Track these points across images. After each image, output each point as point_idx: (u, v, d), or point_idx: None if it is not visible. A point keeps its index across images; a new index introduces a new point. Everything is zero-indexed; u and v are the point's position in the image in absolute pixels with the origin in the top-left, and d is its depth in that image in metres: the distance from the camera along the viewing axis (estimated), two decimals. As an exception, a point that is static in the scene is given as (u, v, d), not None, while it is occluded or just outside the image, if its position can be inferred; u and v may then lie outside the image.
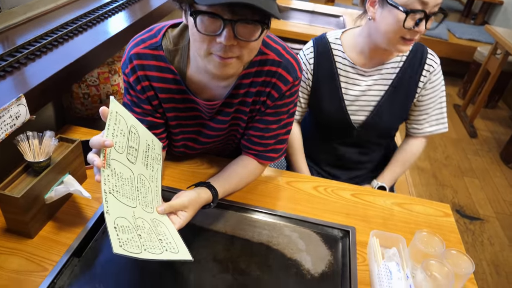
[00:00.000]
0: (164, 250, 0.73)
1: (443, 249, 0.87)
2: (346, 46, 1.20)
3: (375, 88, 1.20)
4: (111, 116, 0.71)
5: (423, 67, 1.17)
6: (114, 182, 0.70)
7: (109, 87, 1.39)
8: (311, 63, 1.22)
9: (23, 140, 0.87)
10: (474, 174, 2.73)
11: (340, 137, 1.30)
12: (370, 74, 1.19)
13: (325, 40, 1.22)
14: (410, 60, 1.18)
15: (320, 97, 1.24)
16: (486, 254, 2.09)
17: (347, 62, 1.20)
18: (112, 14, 1.53)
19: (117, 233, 0.66)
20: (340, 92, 1.21)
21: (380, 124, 1.23)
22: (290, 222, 1.00)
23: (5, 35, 1.23)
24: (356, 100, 1.22)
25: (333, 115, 1.24)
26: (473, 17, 5.14)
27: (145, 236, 0.72)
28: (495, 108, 3.67)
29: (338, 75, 1.21)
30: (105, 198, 0.67)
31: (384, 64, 1.18)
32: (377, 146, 1.34)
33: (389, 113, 1.21)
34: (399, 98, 1.20)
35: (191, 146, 1.09)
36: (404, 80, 1.18)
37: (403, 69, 1.18)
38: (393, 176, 1.33)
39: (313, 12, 2.88)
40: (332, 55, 1.20)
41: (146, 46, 0.89)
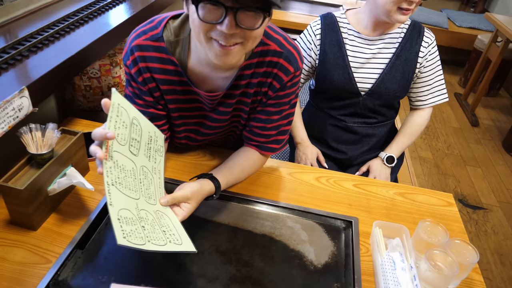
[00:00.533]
0: (168, 242, 0.73)
1: (447, 239, 0.87)
2: (351, 20, 1.30)
3: (379, 56, 1.29)
4: (113, 108, 0.71)
5: (422, 39, 1.27)
6: (117, 174, 0.70)
7: (110, 79, 1.39)
8: (317, 34, 1.31)
9: (26, 132, 0.87)
10: (476, 163, 2.73)
11: (347, 107, 1.35)
12: (374, 43, 1.28)
13: (331, 15, 1.32)
14: (411, 32, 1.28)
15: (327, 66, 1.30)
16: (490, 243, 2.09)
17: (352, 32, 1.29)
18: (113, 6, 1.51)
19: (120, 225, 0.66)
20: (346, 59, 1.29)
21: (385, 92, 1.30)
22: (292, 213, 1.00)
23: (7, 28, 1.22)
24: (361, 67, 1.29)
25: (340, 83, 1.30)
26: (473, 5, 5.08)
27: (148, 227, 0.72)
28: (497, 96, 3.65)
29: (344, 44, 1.29)
30: (108, 190, 0.66)
31: (386, 34, 1.27)
32: (382, 117, 1.39)
33: (393, 81, 1.29)
34: (401, 66, 1.28)
35: (193, 137, 1.09)
36: (405, 50, 1.27)
37: (404, 39, 1.27)
38: (401, 146, 1.40)
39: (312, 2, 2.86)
40: (338, 26, 1.30)
41: (147, 37, 0.88)
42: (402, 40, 1.27)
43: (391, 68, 1.28)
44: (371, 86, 1.30)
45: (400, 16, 1.15)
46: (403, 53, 1.27)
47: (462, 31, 3.81)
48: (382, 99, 1.32)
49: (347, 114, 1.37)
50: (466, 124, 3.17)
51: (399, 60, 1.27)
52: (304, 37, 1.34)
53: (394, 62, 1.27)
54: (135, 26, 0.93)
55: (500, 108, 3.46)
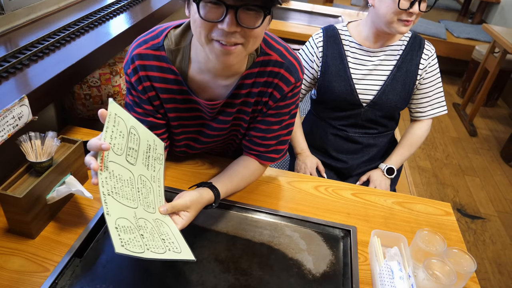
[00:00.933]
0: (167, 250, 0.73)
1: (445, 248, 0.87)
2: (352, 32, 1.32)
3: (380, 68, 1.30)
4: (110, 119, 0.71)
5: (423, 51, 1.29)
6: (113, 184, 0.70)
7: (110, 88, 1.39)
8: (320, 46, 1.32)
9: (26, 140, 0.87)
10: (474, 173, 2.74)
11: (348, 118, 1.37)
12: (375, 54, 1.29)
13: (333, 27, 1.34)
14: (411, 44, 1.29)
15: (329, 78, 1.32)
16: (488, 253, 2.09)
17: (354, 44, 1.31)
18: (113, 15, 1.53)
19: (118, 233, 0.66)
20: (348, 71, 1.30)
21: (386, 103, 1.31)
22: (291, 222, 1.00)
23: (8, 36, 1.23)
24: (363, 79, 1.31)
25: (342, 94, 1.31)
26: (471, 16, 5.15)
27: (147, 236, 0.72)
28: (495, 107, 3.67)
29: (345, 56, 1.31)
30: (104, 200, 0.67)
31: (388, 46, 1.29)
32: (383, 128, 1.40)
33: (394, 93, 1.30)
34: (402, 78, 1.30)
35: (192, 145, 1.09)
36: (406, 61, 1.29)
37: (405, 52, 1.29)
38: (401, 158, 1.42)
39: (311, 12, 2.89)
40: (339, 38, 1.32)
41: (148, 46, 0.89)
42: (403, 52, 1.29)
43: (392, 80, 1.29)
44: (372, 98, 1.31)
45: (401, 27, 1.17)
46: (404, 65, 1.29)
47: (460, 42, 3.85)
48: (383, 110, 1.33)
49: (348, 124, 1.38)
50: (464, 134, 3.19)
51: (400, 71, 1.29)
52: (307, 49, 1.36)
53: (395, 73, 1.29)
54: (135, 36, 0.94)
55: (498, 118, 3.48)
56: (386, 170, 1.39)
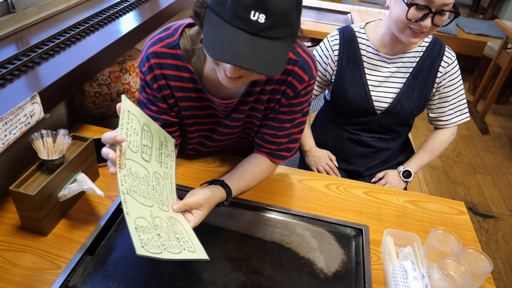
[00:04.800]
0: (182, 250, 0.73)
1: (460, 248, 0.86)
2: (370, 35, 1.26)
3: (397, 75, 1.25)
4: (123, 116, 0.71)
5: (442, 59, 1.23)
6: (131, 182, 0.70)
7: (120, 85, 1.40)
8: (335, 49, 1.27)
9: (38, 138, 0.87)
10: (486, 171, 2.70)
11: (362, 124, 1.34)
12: (393, 61, 1.24)
13: (350, 29, 1.28)
14: (430, 51, 1.23)
15: (344, 83, 1.28)
16: (501, 252, 2.06)
17: (370, 49, 1.25)
18: (122, 13, 1.53)
19: (138, 234, 0.65)
20: (364, 77, 1.26)
21: (401, 111, 1.27)
22: (302, 221, 0.99)
23: (19, 35, 1.24)
24: (379, 86, 1.27)
25: (357, 100, 1.27)
26: (482, 12, 5.07)
27: (163, 235, 0.72)
28: (507, 104, 3.61)
29: (362, 61, 1.26)
30: (123, 199, 0.66)
31: (406, 53, 1.23)
32: (396, 134, 1.37)
33: (410, 101, 1.26)
34: (419, 86, 1.25)
35: (204, 143, 1.09)
36: (423, 69, 1.23)
37: (422, 59, 1.23)
38: (420, 162, 1.37)
39: (320, 9, 2.86)
40: (356, 42, 1.26)
41: (164, 45, 0.89)
42: (420, 59, 1.22)
43: (408, 88, 1.24)
44: (387, 106, 1.27)
45: (411, 38, 1.10)
46: (421, 72, 1.23)
47: (471, 38, 3.80)
48: (398, 118, 1.30)
49: (362, 129, 1.35)
50: (475, 132, 3.14)
51: (417, 79, 1.24)
52: (321, 51, 1.30)
53: (411, 81, 1.24)
54: (144, 34, 0.94)
55: (510, 116, 3.42)
56: (403, 172, 1.35)
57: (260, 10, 0.65)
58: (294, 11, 0.69)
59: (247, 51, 0.67)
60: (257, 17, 0.65)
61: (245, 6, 0.65)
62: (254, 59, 0.67)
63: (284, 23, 0.68)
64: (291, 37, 0.73)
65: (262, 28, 0.67)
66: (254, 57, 0.67)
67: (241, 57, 0.67)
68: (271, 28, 0.67)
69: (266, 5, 0.65)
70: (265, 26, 0.66)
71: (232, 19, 0.67)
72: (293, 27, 0.71)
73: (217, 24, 0.69)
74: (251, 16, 0.65)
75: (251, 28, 0.67)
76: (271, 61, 0.69)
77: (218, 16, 0.69)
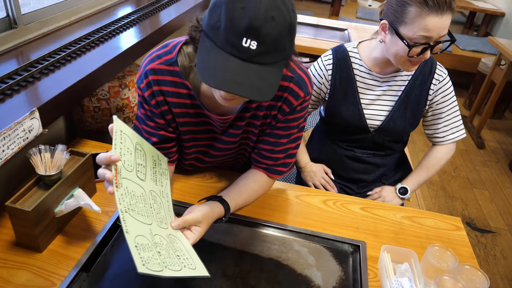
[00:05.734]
0: (183, 267, 0.73)
1: (456, 264, 0.86)
2: (363, 54, 1.27)
3: (389, 94, 1.27)
4: (116, 136, 0.72)
5: (433, 76, 1.24)
6: (128, 200, 0.70)
7: (119, 100, 1.41)
8: (329, 69, 1.29)
9: (35, 153, 0.88)
10: (483, 185, 2.70)
11: (356, 141, 1.35)
12: (385, 80, 1.26)
13: (343, 48, 1.29)
14: (421, 69, 1.25)
15: (337, 101, 1.29)
16: (500, 268, 2.05)
17: (363, 69, 1.26)
18: (123, 30, 1.55)
19: (138, 252, 0.65)
20: (357, 96, 1.27)
21: (394, 129, 1.28)
22: (299, 237, 0.99)
23: (20, 50, 1.25)
24: (372, 104, 1.28)
25: (350, 118, 1.29)
26: (476, 28, 5.16)
27: (164, 253, 0.72)
28: (502, 119, 3.64)
29: (355, 80, 1.27)
30: (122, 218, 0.67)
31: (398, 72, 1.25)
32: (391, 151, 1.38)
33: (402, 118, 1.27)
34: (411, 104, 1.26)
35: (202, 159, 1.09)
36: (415, 87, 1.25)
37: (414, 77, 1.25)
38: (417, 180, 1.37)
39: (317, 26, 2.90)
40: (349, 61, 1.27)
41: (162, 62, 0.90)
42: (412, 77, 1.24)
43: (400, 106, 1.25)
44: (380, 124, 1.28)
45: (410, 67, 1.13)
46: (413, 90, 1.24)
47: (466, 54, 3.85)
48: (391, 135, 1.31)
49: (356, 146, 1.36)
50: (472, 146, 3.16)
51: (409, 96, 1.25)
52: (315, 70, 1.32)
53: (404, 99, 1.25)
54: (144, 50, 0.95)
55: (506, 131, 3.45)
56: (400, 189, 1.35)
57: (252, 38, 0.67)
58: (286, 36, 0.70)
59: (239, 77, 0.68)
60: (249, 44, 0.67)
61: (238, 33, 0.67)
62: (245, 85, 0.68)
63: (276, 49, 0.70)
64: (284, 61, 0.74)
65: (254, 55, 0.68)
66: (245, 83, 0.68)
67: (232, 83, 0.68)
68: (263, 54, 0.69)
69: (258, 33, 0.66)
70: (257, 52, 0.68)
71: (225, 45, 0.68)
72: (285, 51, 0.73)
73: (211, 49, 0.70)
74: (243, 43, 0.67)
75: (243, 54, 0.68)
76: (262, 86, 0.70)
77: (212, 42, 0.70)
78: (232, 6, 0.67)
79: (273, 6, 0.67)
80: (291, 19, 0.70)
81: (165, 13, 1.87)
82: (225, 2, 0.68)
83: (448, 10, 1.03)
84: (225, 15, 0.67)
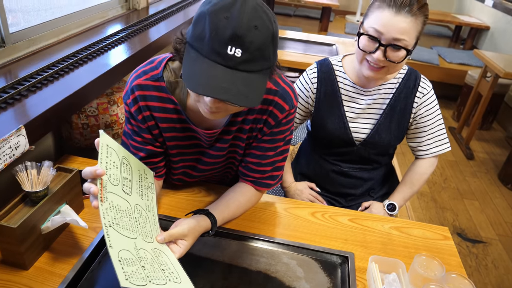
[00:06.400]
0: (167, 281, 0.73)
1: (443, 273, 0.86)
2: (347, 68, 1.29)
3: (374, 107, 1.27)
4: (102, 150, 0.73)
5: (417, 89, 1.25)
6: (113, 215, 0.70)
7: (108, 117, 1.41)
8: (314, 82, 1.30)
9: (22, 170, 0.87)
10: (473, 196, 2.73)
11: (341, 155, 1.35)
12: (369, 94, 1.26)
13: (328, 62, 1.31)
14: (405, 82, 1.26)
15: (322, 114, 1.30)
16: (491, 278, 2.06)
17: (347, 82, 1.27)
18: (112, 47, 1.57)
19: (122, 267, 0.65)
20: (342, 109, 1.28)
21: (379, 142, 1.29)
22: (288, 249, 0.99)
23: (8, 68, 1.26)
24: (357, 117, 1.28)
25: (335, 131, 1.29)
26: (462, 42, 5.28)
27: (148, 267, 0.71)
28: (490, 130, 3.70)
29: (340, 93, 1.28)
30: (106, 232, 0.67)
31: (382, 85, 1.26)
32: (377, 164, 1.38)
33: (387, 132, 1.28)
34: (396, 117, 1.27)
35: (190, 173, 1.10)
36: (400, 100, 1.26)
37: (399, 90, 1.26)
38: (402, 196, 1.37)
39: (306, 41, 2.95)
40: (334, 75, 1.29)
41: (148, 77, 0.91)
42: (396, 90, 1.25)
43: (385, 119, 1.26)
44: (365, 137, 1.28)
45: (367, 70, 1.14)
46: (398, 103, 1.25)
47: (452, 67, 3.93)
48: (377, 148, 1.31)
49: (342, 160, 1.36)
50: (461, 158, 3.20)
51: (394, 110, 1.26)
52: (301, 84, 1.33)
53: (388, 112, 1.26)
54: (133, 66, 0.96)
55: (494, 141, 3.50)
56: (387, 205, 1.35)
57: (236, 45, 0.68)
58: (269, 45, 0.72)
59: (225, 83, 0.69)
60: (233, 52, 0.69)
61: (223, 41, 0.68)
62: (232, 91, 0.69)
63: (260, 57, 0.72)
64: (268, 70, 0.76)
65: (239, 62, 0.70)
66: (232, 89, 0.69)
67: (219, 89, 0.69)
68: (248, 62, 0.70)
69: (242, 41, 0.68)
70: (242, 60, 0.69)
71: (210, 54, 0.70)
72: (269, 60, 0.74)
73: (196, 59, 0.72)
74: (227, 51, 0.69)
75: (228, 62, 0.70)
76: (248, 93, 0.71)
77: (197, 52, 0.72)
78: (216, 16, 0.69)
79: (256, 16, 0.69)
80: (273, 28, 0.73)
81: (154, 30, 1.89)
82: (209, 13, 0.70)
83: (407, 13, 1.04)
84: (209, 25, 0.69)
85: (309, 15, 6.43)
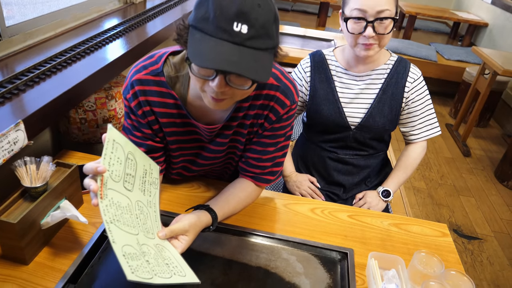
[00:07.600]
0: (172, 274, 0.73)
1: (443, 270, 0.87)
2: (338, 57, 1.34)
3: (367, 92, 1.32)
4: (108, 145, 0.72)
5: (408, 74, 1.30)
6: (113, 211, 0.70)
7: (105, 112, 1.40)
8: (307, 71, 1.35)
9: (21, 165, 0.87)
10: (469, 193, 2.74)
11: (337, 140, 1.38)
12: (361, 79, 1.31)
13: (320, 52, 1.37)
14: (396, 68, 1.31)
15: (317, 101, 1.34)
16: (487, 274, 2.07)
17: (340, 69, 1.32)
18: (109, 41, 1.55)
19: (127, 261, 0.66)
20: (336, 95, 1.32)
21: (374, 125, 1.32)
22: (288, 245, 0.99)
23: (5, 62, 1.25)
24: (351, 102, 1.32)
25: (331, 116, 1.33)
26: (460, 39, 5.29)
27: (152, 261, 0.72)
28: (487, 127, 3.71)
29: (333, 80, 1.33)
30: (108, 228, 0.67)
31: (373, 70, 1.30)
32: (373, 150, 1.41)
33: (381, 115, 1.32)
34: (389, 101, 1.31)
35: (189, 167, 1.09)
36: (391, 85, 1.30)
37: (390, 75, 1.30)
38: (397, 181, 1.41)
39: (304, 36, 2.95)
40: (326, 63, 1.34)
41: (148, 72, 0.90)
42: (387, 76, 1.30)
43: (378, 103, 1.30)
44: (360, 121, 1.32)
45: (362, 51, 1.19)
46: (389, 88, 1.30)
47: (450, 64, 3.94)
48: (371, 132, 1.35)
49: (338, 146, 1.39)
50: (458, 154, 3.21)
51: (386, 94, 1.30)
52: (295, 75, 1.38)
53: (381, 96, 1.30)
54: (131, 61, 0.96)
55: (491, 139, 3.51)
56: (382, 192, 1.39)
57: (242, 21, 0.68)
58: (273, 24, 0.73)
59: (234, 57, 0.69)
60: (240, 28, 0.68)
61: (228, 18, 0.68)
62: (242, 64, 0.69)
63: (265, 34, 0.71)
64: (273, 50, 0.76)
65: (246, 38, 0.69)
66: (241, 63, 0.69)
67: (229, 62, 0.68)
68: (254, 38, 0.70)
69: (247, 17, 0.68)
70: (248, 36, 0.69)
71: (216, 32, 0.69)
72: (273, 39, 0.74)
73: (201, 39, 0.71)
74: (234, 27, 0.68)
75: (235, 38, 0.69)
76: (257, 68, 0.71)
77: (202, 32, 0.71)
78: None
79: None
80: (274, 8, 0.73)
81: (151, 25, 1.88)
82: None
83: None
84: (213, 5, 0.69)
85: (307, 10, 6.41)
